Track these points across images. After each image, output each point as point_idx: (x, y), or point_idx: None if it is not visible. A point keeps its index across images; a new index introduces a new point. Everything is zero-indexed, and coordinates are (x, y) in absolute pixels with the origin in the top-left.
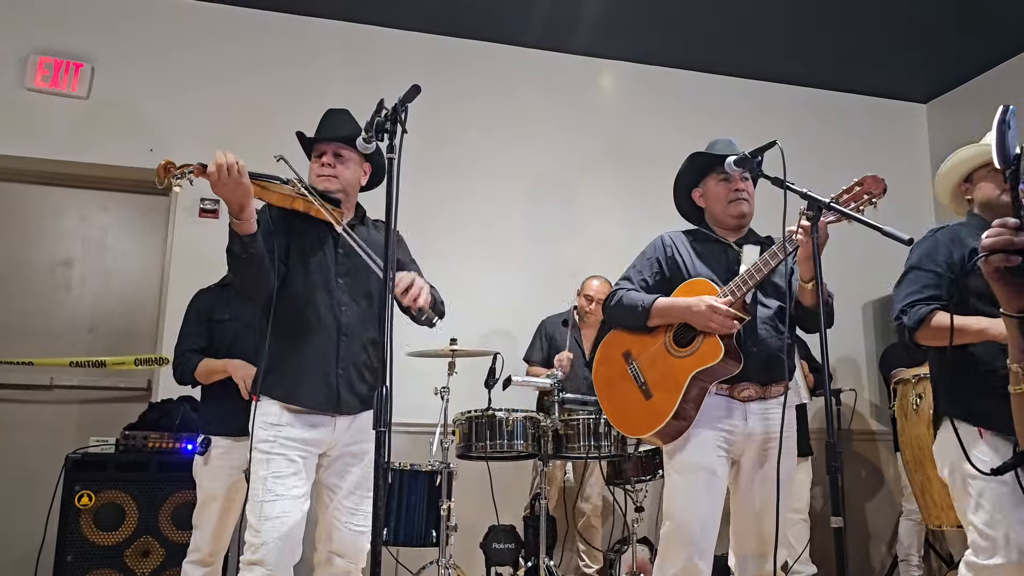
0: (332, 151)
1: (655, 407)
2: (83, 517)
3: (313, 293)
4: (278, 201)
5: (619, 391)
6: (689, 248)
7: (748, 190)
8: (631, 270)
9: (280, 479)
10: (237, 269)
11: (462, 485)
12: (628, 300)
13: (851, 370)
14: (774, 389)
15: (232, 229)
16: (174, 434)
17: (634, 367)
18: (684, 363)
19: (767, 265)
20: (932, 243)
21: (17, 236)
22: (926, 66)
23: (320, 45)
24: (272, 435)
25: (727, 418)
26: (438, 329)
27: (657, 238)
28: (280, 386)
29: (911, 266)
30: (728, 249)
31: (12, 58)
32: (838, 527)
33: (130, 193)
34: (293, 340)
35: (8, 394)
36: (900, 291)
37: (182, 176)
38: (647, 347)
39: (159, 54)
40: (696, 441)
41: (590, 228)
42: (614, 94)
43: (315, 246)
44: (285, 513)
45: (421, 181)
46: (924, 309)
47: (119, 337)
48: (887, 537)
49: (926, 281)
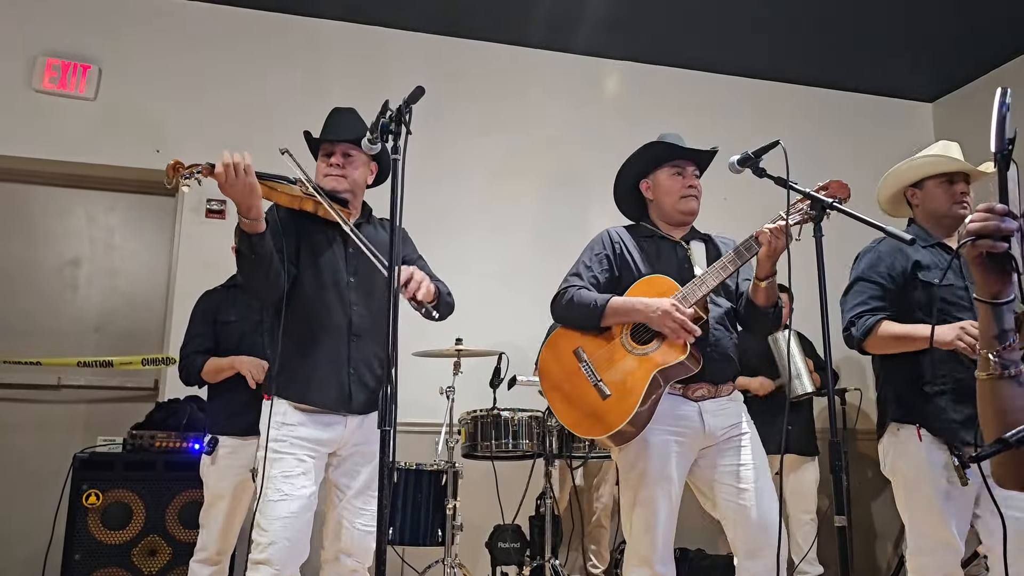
0: (340, 151)
1: (613, 407)
2: (91, 516)
3: (324, 293)
4: (286, 202)
5: (571, 391)
6: (637, 245)
7: (698, 187)
8: (579, 266)
9: (289, 479)
10: (245, 269)
11: (467, 485)
12: (580, 299)
13: (855, 369)
14: (725, 388)
15: (240, 229)
16: (181, 434)
17: (587, 366)
18: (643, 361)
19: (733, 263)
20: (875, 255)
21: (25, 237)
22: (931, 65)
23: (325, 46)
24: (283, 434)
25: (682, 419)
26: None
27: (603, 233)
28: (292, 386)
29: (856, 277)
30: (677, 247)
31: (20, 60)
32: (842, 526)
33: (137, 194)
34: (304, 340)
35: (16, 394)
36: (847, 302)
37: (190, 176)
38: (600, 345)
39: (166, 56)
40: (653, 450)
41: (595, 228)
42: (618, 94)
43: (324, 246)
44: (293, 513)
45: (425, 181)
46: (871, 319)
47: (126, 337)
48: (893, 536)
49: (872, 292)
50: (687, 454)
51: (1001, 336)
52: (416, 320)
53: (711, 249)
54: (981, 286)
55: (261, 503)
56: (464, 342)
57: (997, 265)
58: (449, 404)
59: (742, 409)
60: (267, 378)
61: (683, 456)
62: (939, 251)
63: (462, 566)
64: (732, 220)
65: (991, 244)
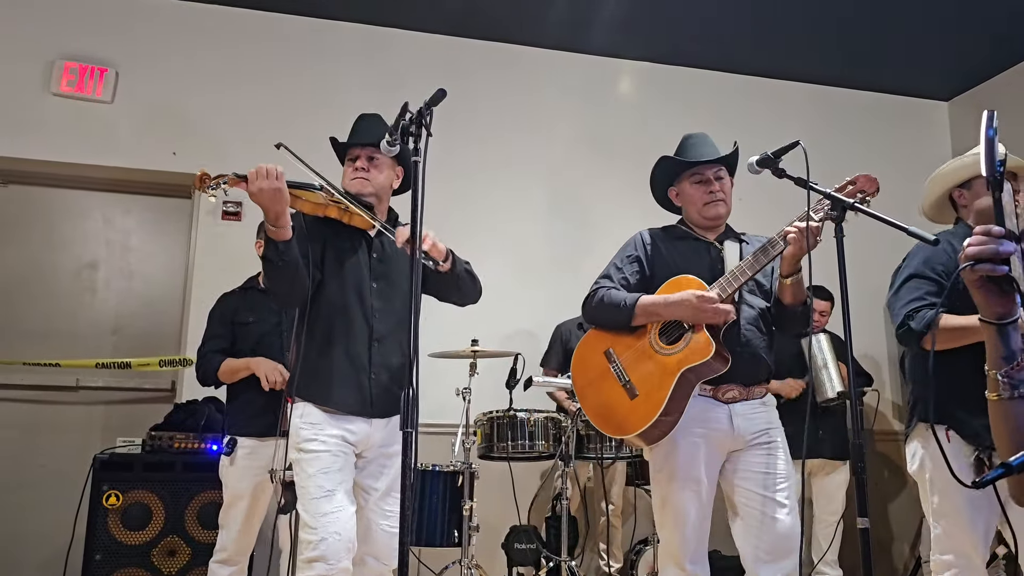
0: (365, 155)
1: (640, 406)
2: (111, 517)
3: (347, 299)
4: (311, 210)
5: (600, 391)
6: (670, 246)
7: (723, 189)
8: (611, 268)
9: (329, 474)
10: (273, 276)
11: (484, 485)
12: (610, 299)
13: (872, 369)
14: (756, 390)
15: (268, 236)
16: (199, 435)
17: (617, 366)
18: (671, 360)
19: (759, 262)
20: (929, 251)
21: (43, 240)
22: (947, 63)
23: (341, 48)
24: (314, 433)
25: (711, 421)
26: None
27: (636, 235)
28: (314, 389)
29: (910, 275)
30: (710, 247)
31: (38, 64)
32: (864, 528)
33: (153, 196)
34: (327, 345)
35: (36, 395)
36: (900, 299)
37: (217, 187)
38: (630, 345)
39: (181, 59)
40: (682, 451)
41: (609, 228)
42: (632, 94)
43: (349, 252)
44: (339, 508)
45: (441, 182)
46: (930, 313)
47: (143, 338)
48: (910, 537)
49: (927, 288)
50: (716, 456)
51: (1009, 356)
52: (433, 322)
53: (745, 249)
54: (984, 308)
55: (305, 501)
56: (480, 343)
57: (998, 287)
58: (465, 405)
59: (774, 415)
60: (290, 381)
61: (712, 458)
62: None
63: (479, 567)
64: (748, 219)
65: (990, 268)
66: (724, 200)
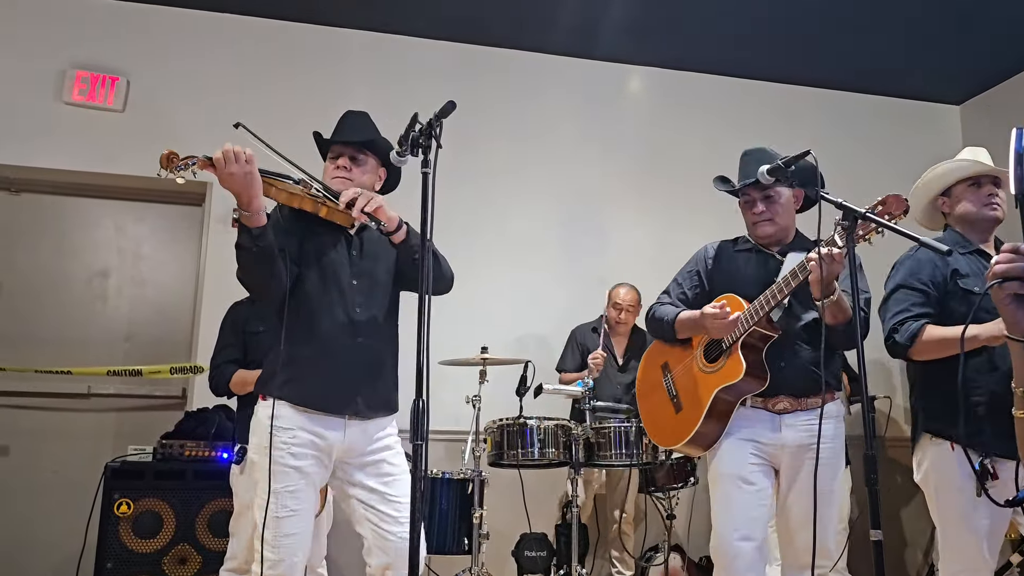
0: (348, 154)
1: (682, 420)
2: (122, 525)
3: (327, 295)
4: (286, 199)
5: (654, 401)
6: (731, 258)
7: (771, 209)
8: (672, 283)
9: (295, 493)
10: (247, 264)
11: (494, 493)
12: (658, 314)
13: (884, 376)
14: (811, 401)
15: (241, 223)
16: (210, 443)
17: (668, 379)
18: (709, 379)
19: (788, 286)
20: (915, 263)
21: (55, 247)
22: (958, 67)
23: (350, 56)
24: (284, 441)
25: (760, 429)
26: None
27: (700, 249)
28: (293, 387)
29: (897, 285)
30: (770, 259)
31: (50, 73)
32: (877, 540)
33: (164, 204)
34: (307, 342)
35: (47, 402)
36: (888, 310)
37: (185, 168)
38: (681, 360)
39: (192, 67)
40: (727, 450)
41: (620, 234)
42: (642, 100)
43: (328, 247)
44: (302, 529)
45: (451, 188)
46: (915, 325)
47: (155, 346)
48: (923, 544)
49: (914, 299)
50: (766, 459)
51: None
52: (443, 329)
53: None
54: (1013, 326)
55: (269, 518)
56: (489, 350)
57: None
58: (475, 412)
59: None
60: (263, 377)
61: (761, 460)
62: (977, 258)
63: (489, 575)
64: None
65: (1018, 286)
66: (772, 219)
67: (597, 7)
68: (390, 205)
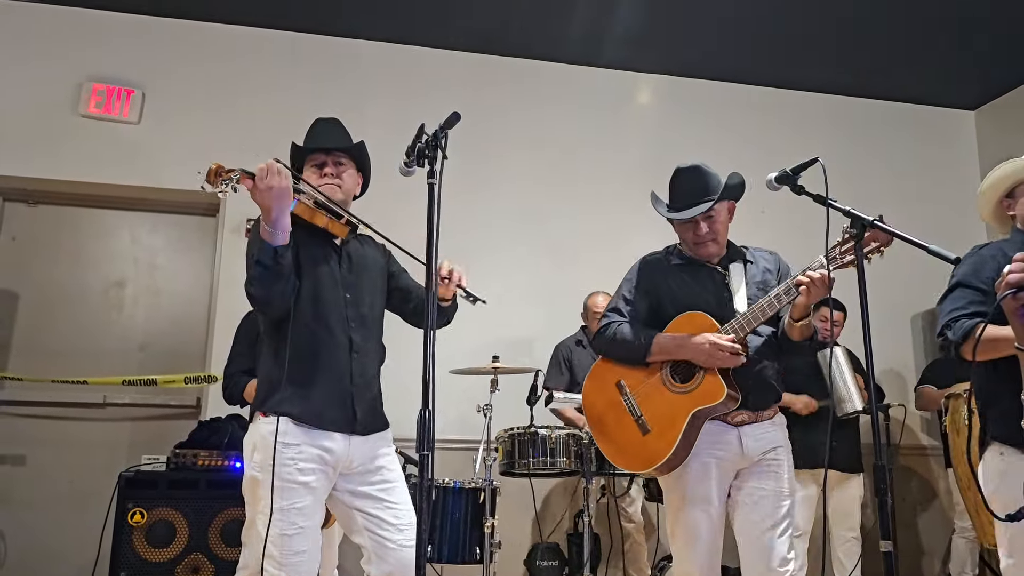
0: (333, 160)
1: (652, 444)
2: (136, 534)
3: (323, 308)
4: (308, 216)
5: (613, 424)
6: (674, 273)
7: (713, 229)
8: (618, 300)
9: (300, 510)
10: (265, 282)
11: (505, 502)
12: (623, 336)
13: (899, 384)
14: (765, 413)
15: (264, 241)
16: (223, 452)
17: (629, 400)
18: (683, 399)
19: (772, 307)
20: (978, 259)
21: (71, 258)
22: (973, 71)
23: (364, 67)
24: (289, 458)
25: (722, 444)
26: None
27: (638, 262)
28: (293, 403)
29: (956, 283)
30: (714, 272)
31: (67, 86)
32: (887, 551)
33: (179, 214)
34: (306, 357)
35: (64, 412)
36: (944, 307)
37: (229, 182)
38: (642, 379)
39: (206, 80)
40: (692, 472)
41: (629, 242)
42: (650, 107)
43: (320, 259)
44: (307, 549)
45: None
46: (968, 323)
47: (169, 356)
48: (940, 553)
49: (971, 297)
50: (726, 475)
51: None
52: (453, 339)
53: (750, 269)
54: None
55: (274, 535)
56: (500, 359)
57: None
58: (486, 421)
59: (782, 435)
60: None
61: (722, 477)
62: None
63: None
64: (770, 233)
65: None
66: (715, 239)
67: (606, 16)
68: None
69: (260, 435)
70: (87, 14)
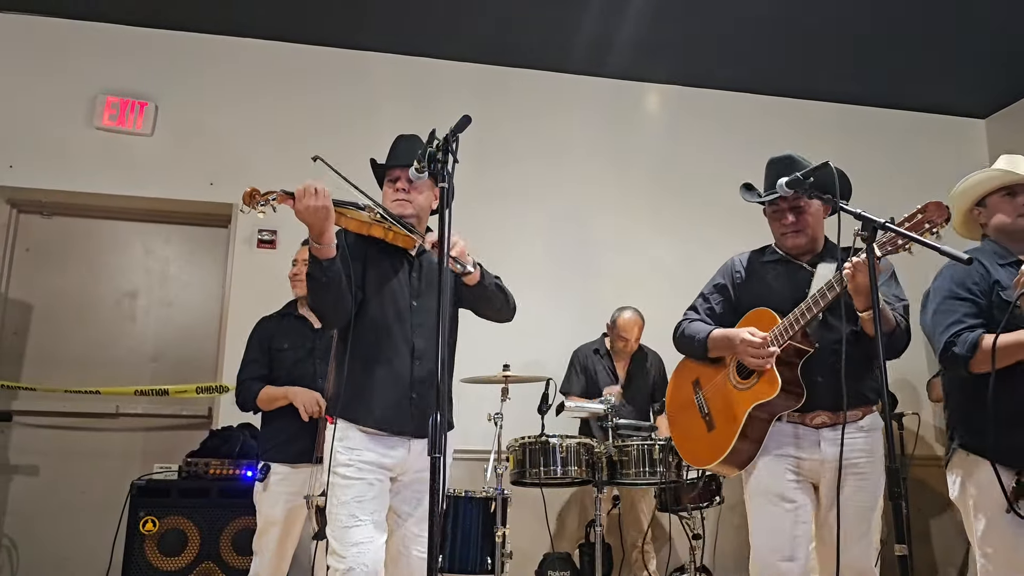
0: (406, 176)
1: (715, 439)
2: (148, 543)
3: (388, 318)
4: (356, 228)
5: (686, 420)
6: (759, 271)
7: (801, 220)
8: (699, 298)
9: (362, 503)
10: (317, 293)
11: (516, 512)
12: (689, 332)
13: (910, 392)
14: (850, 415)
15: (312, 254)
16: (234, 461)
17: (700, 397)
18: (743, 396)
19: (820, 302)
20: (962, 270)
21: (85, 269)
22: (985, 79)
23: (375, 79)
24: (351, 459)
25: (797, 446)
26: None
27: (729, 260)
28: (357, 409)
29: (944, 296)
30: (800, 270)
31: (81, 99)
32: (902, 555)
33: (191, 226)
34: (369, 364)
35: (76, 422)
36: (938, 323)
37: (266, 203)
38: (712, 377)
39: (219, 92)
40: (764, 468)
41: (639, 251)
42: (658, 117)
43: (390, 271)
44: (369, 539)
45: (472, 205)
46: (972, 335)
47: (181, 366)
48: (957, 563)
49: (965, 309)
50: (805, 478)
51: None
52: (465, 347)
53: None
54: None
55: (334, 528)
56: (511, 368)
57: None
58: (497, 431)
59: (871, 441)
60: (331, 401)
61: (801, 479)
62: (1018, 268)
63: None
64: None
65: None
66: (802, 230)
67: (613, 27)
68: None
69: (328, 438)
70: (101, 28)
